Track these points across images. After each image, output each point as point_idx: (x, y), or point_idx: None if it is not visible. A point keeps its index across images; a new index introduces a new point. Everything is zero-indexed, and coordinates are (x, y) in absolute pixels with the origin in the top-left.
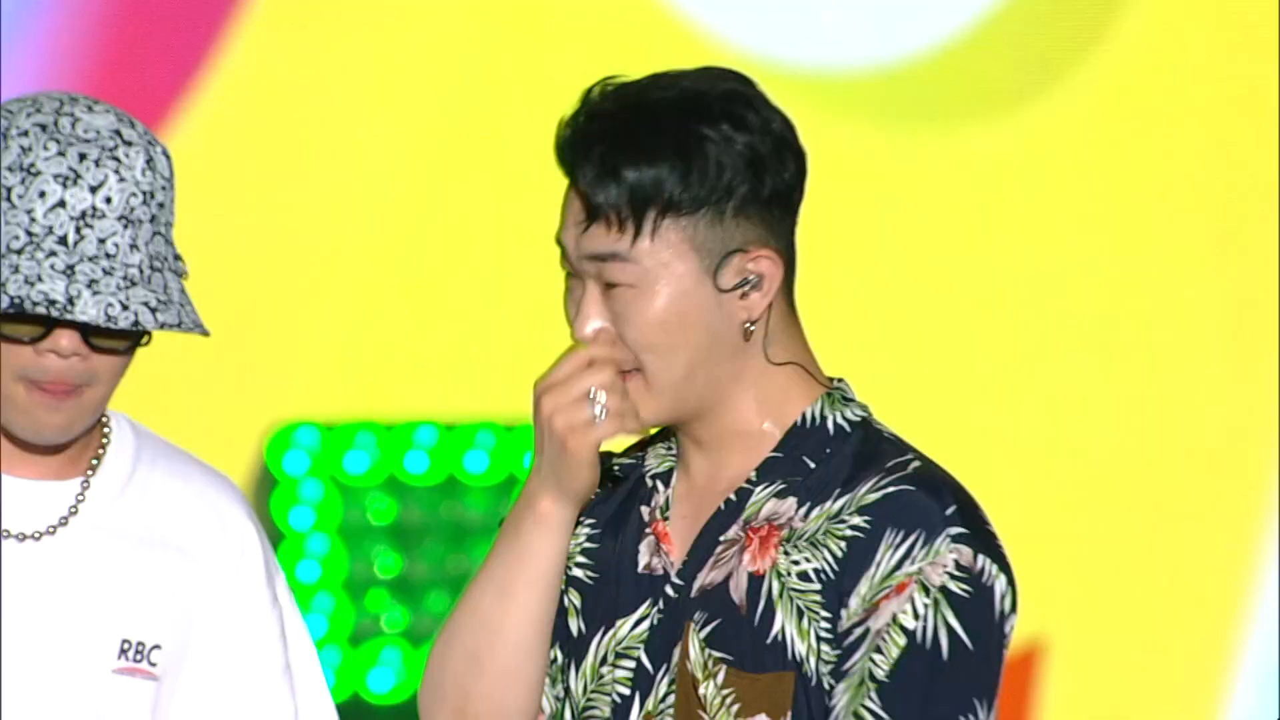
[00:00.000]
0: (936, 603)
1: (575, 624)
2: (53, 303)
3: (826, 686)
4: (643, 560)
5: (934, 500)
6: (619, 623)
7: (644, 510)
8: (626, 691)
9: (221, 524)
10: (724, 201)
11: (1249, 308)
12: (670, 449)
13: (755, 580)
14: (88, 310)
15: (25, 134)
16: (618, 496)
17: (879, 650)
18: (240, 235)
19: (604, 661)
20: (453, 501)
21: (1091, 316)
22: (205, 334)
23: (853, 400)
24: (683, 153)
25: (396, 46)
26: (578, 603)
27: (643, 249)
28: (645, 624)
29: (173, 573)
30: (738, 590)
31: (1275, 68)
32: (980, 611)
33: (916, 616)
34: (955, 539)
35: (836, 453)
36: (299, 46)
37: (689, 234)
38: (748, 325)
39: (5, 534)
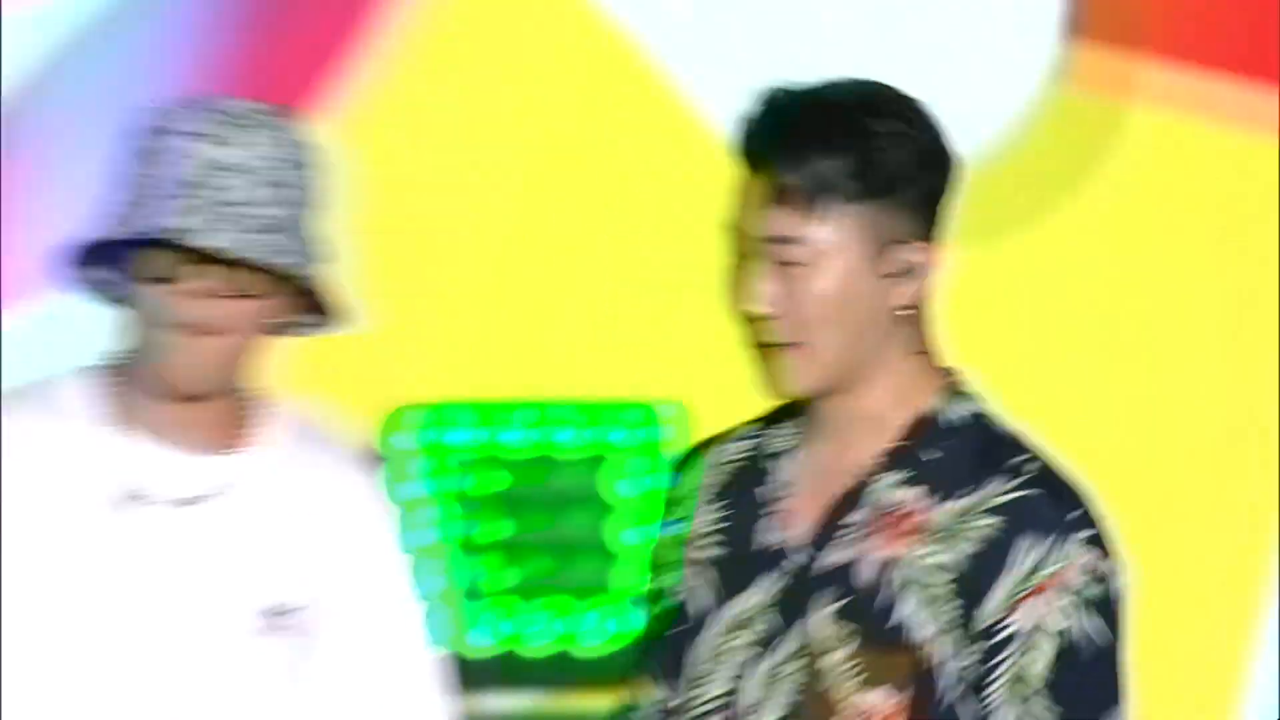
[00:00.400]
0: (1076, 605)
1: (702, 599)
2: (186, 231)
3: (949, 669)
4: (762, 537)
5: (1060, 506)
6: (743, 595)
7: (758, 491)
8: (749, 656)
9: (356, 499)
10: (891, 195)
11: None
12: (795, 430)
13: (884, 566)
14: (218, 241)
15: (180, 108)
16: (734, 478)
17: (1031, 650)
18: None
19: (727, 630)
20: (547, 473)
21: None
22: (334, 304)
23: (969, 393)
24: (860, 147)
25: (532, 42)
26: (704, 580)
27: (818, 233)
28: (765, 597)
29: (314, 541)
30: (866, 573)
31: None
32: (1111, 607)
33: (1065, 617)
34: (1084, 543)
35: (956, 446)
36: (443, 46)
37: (859, 222)
38: (898, 311)
39: (167, 500)
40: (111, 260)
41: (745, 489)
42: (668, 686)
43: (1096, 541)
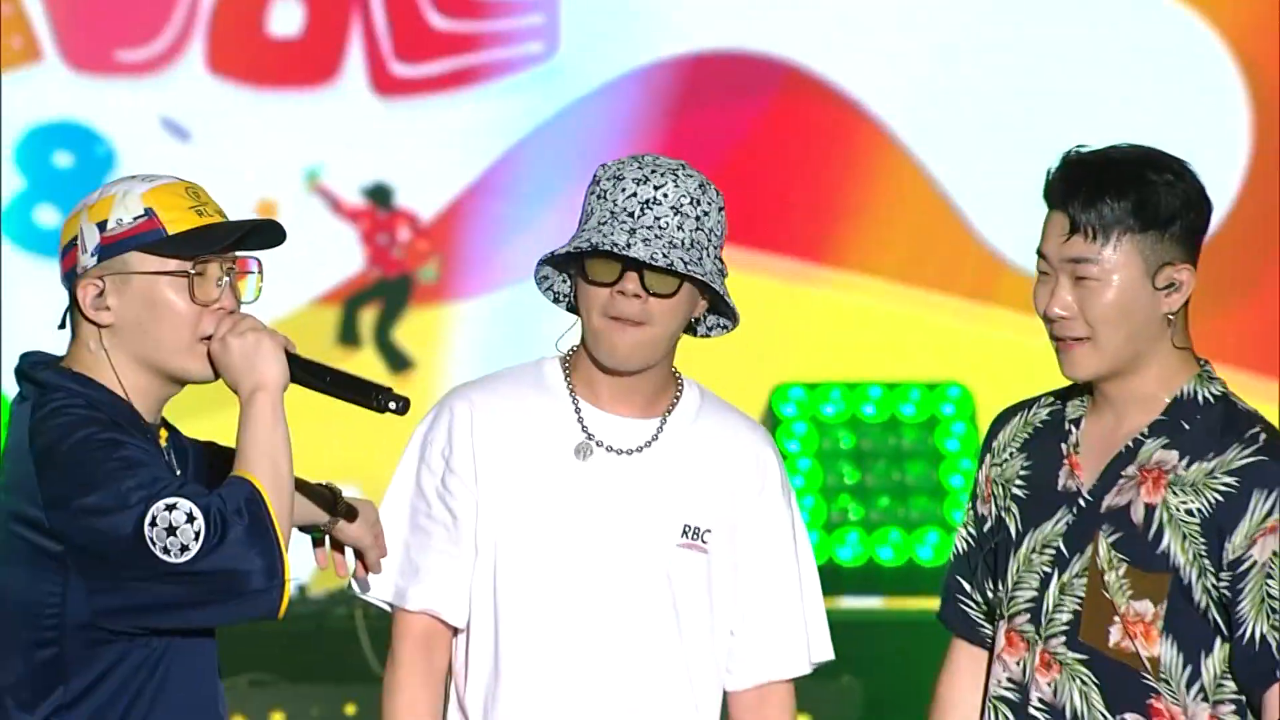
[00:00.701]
0: None
1: (1013, 526)
2: (616, 244)
3: (1196, 588)
4: (1060, 482)
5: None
6: (1044, 524)
7: (1062, 446)
8: (1049, 570)
9: (756, 455)
10: (1163, 228)
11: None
12: (1082, 402)
13: (1149, 509)
14: (639, 251)
15: (622, 163)
16: (1037, 435)
17: (1270, 576)
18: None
19: (1033, 550)
20: (893, 435)
21: None
22: (725, 298)
23: (1215, 378)
24: (1140, 192)
25: None
26: (1016, 511)
27: (1106, 255)
28: (1063, 525)
29: (721, 482)
30: (1136, 514)
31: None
32: None
33: (1270, 544)
34: None
35: (1204, 419)
36: None
37: (1139, 248)
38: (1168, 315)
39: (612, 450)
40: (566, 268)
41: (1047, 444)
42: (980, 586)
43: None
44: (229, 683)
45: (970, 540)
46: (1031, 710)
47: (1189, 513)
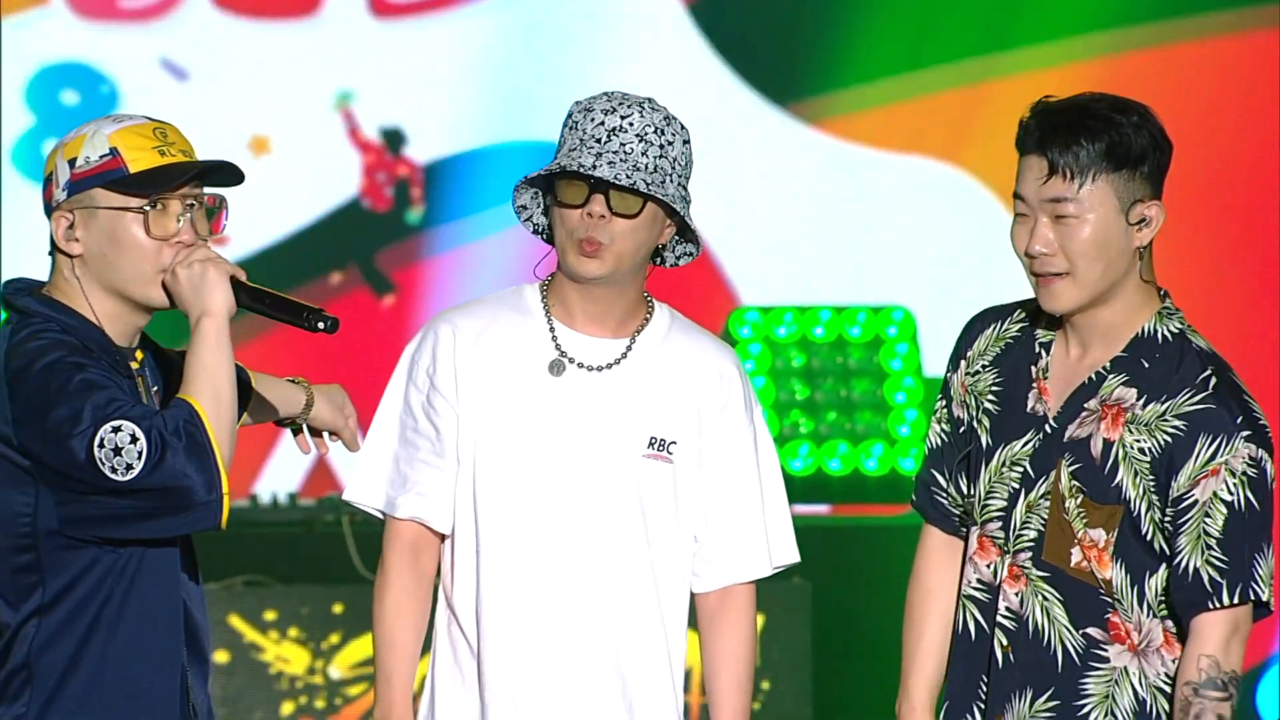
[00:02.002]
0: (1239, 483)
1: (985, 438)
2: (583, 165)
3: (1145, 521)
4: (1029, 404)
5: (1230, 414)
6: (1014, 442)
7: (1032, 369)
8: (1016, 487)
9: (720, 372)
10: (1134, 167)
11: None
12: (1051, 329)
13: (1108, 444)
14: (604, 172)
15: (593, 98)
16: (1008, 351)
17: (1209, 515)
18: None
19: (1003, 464)
20: (840, 354)
21: None
22: (689, 223)
23: (1175, 313)
24: (1112, 134)
25: None
26: (988, 424)
27: (1084, 194)
28: (1030, 446)
29: (686, 397)
30: (1095, 447)
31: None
32: (1265, 486)
33: (1230, 492)
34: (1245, 439)
35: (1161, 357)
36: None
37: (1114, 186)
38: (1139, 249)
39: (582, 365)
40: (543, 198)
41: (1019, 364)
42: (954, 480)
43: (1254, 440)
44: (226, 584)
45: (945, 436)
46: (999, 618)
47: (1141, 451)
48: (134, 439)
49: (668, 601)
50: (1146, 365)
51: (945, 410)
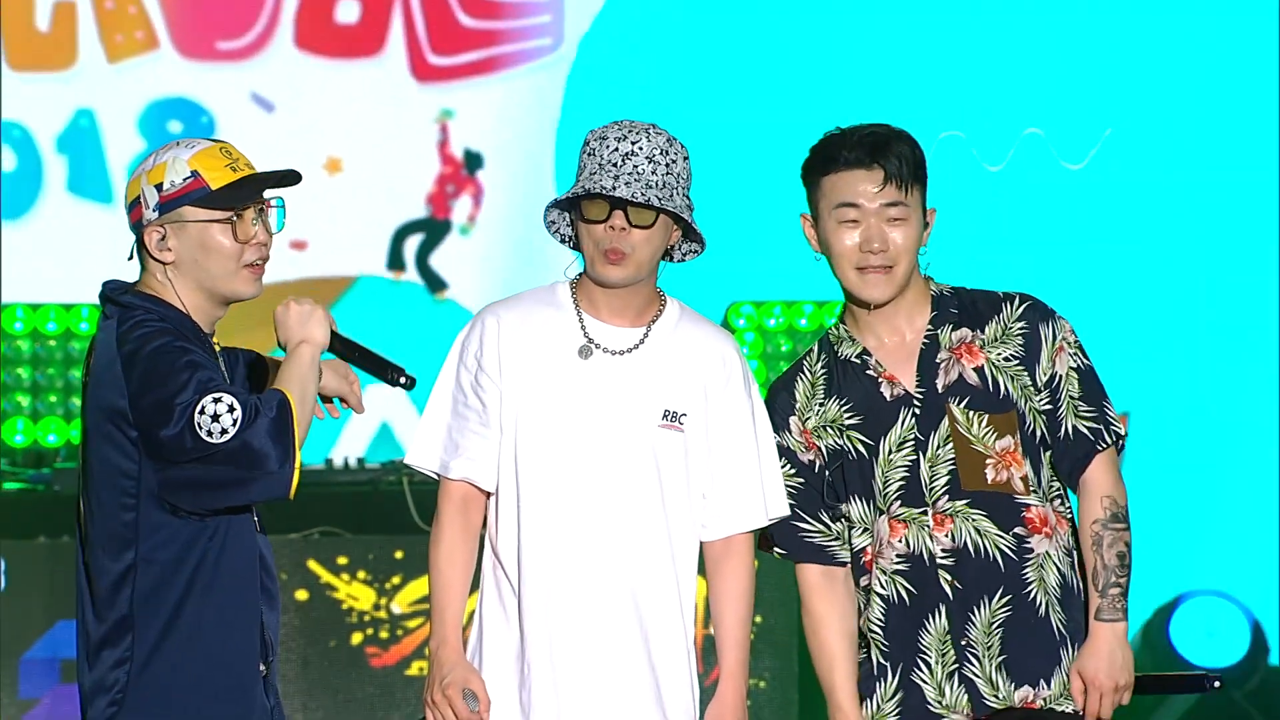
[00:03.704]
0: (1075, 350)
1: (862, 447)
2: (604, 188)
3: (1028, 415)
4: (887, 393)
5: (1042, 305)
6: (890, 430)
7: (867, 374)
8: (912, 458)
9: (722, 355)
10: (925, 180)
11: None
12: (842, 343)
13: (979, 369)
14: (622, 192)
15: (606, 127)
16: (832, 380)
17: (1069, 384)
18: None
19: (891, 452)
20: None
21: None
22: (692, 226)
23: (937, 281)
24: (917, 152)
25: None
26: (859, 435)
27: (910, 199)
28: (908, 420)
29: (694, 376)
30: (970, 377)
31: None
32: (1083, 346)
33: (1074, 359)
34: (1057, 318)
35: (961, 302)
36: None
37: (920, 195)
38: (924, 244)
39: (606, 350)
40: (569, 213)
41: (850, 379)
42: (825, 515)
43: (1061, 315)
44: (305, 534)
45: (799, 488)
46: (939, 563)
47: (1007, 359)
48: (231, 409)
49: (679, 549)
50: (956, 312)
51: (792, 466)
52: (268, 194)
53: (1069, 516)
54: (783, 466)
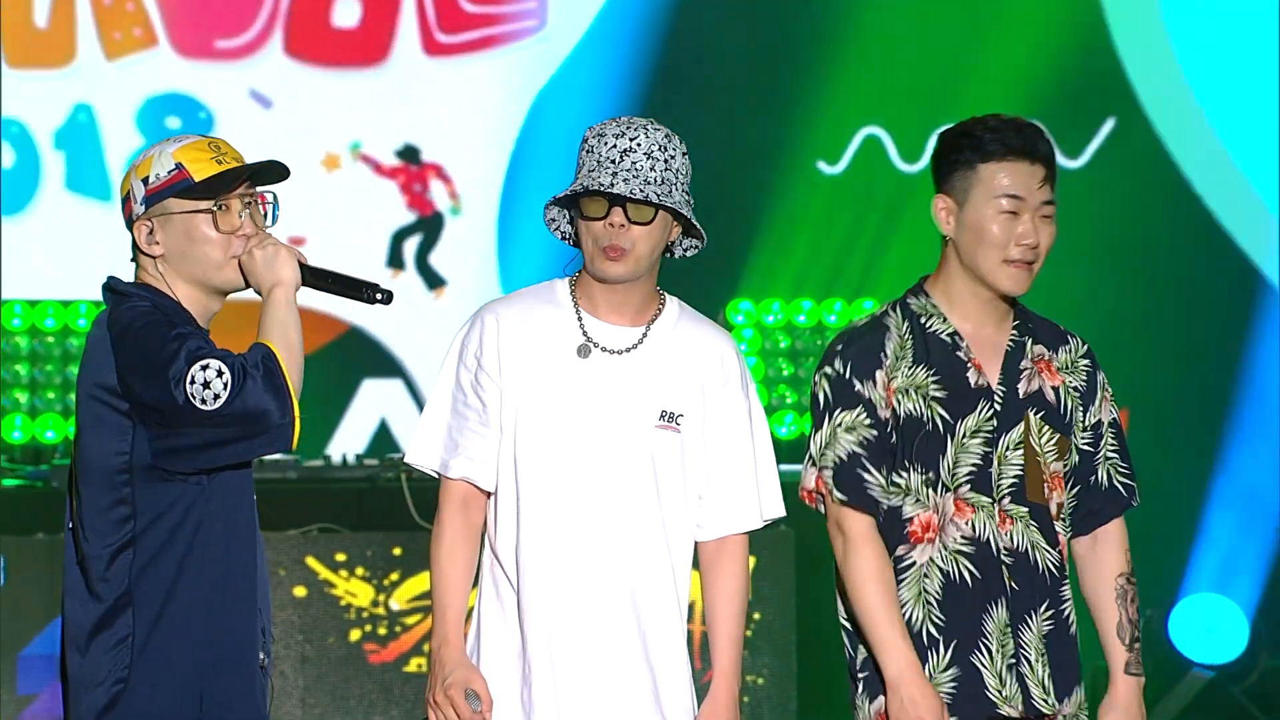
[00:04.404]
0: (1114, 404)
1: (939, 421)
2: (603, 185)
3: (1074, 449)
4: (972, 381)
5: (1092, 352)
6: (969, 415)
7: (959, 354)
8: (987, 449)
9: (721, 355)
10: None
11: None
12: (934, 317)
13: (1056, 389)
14: (621, 189)
15: (604, 124)
16: (933, 348)
17: (1110, 434)
18: None
19: (965, 435)
20: (820, 337)
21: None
22: (692, 222)
23: None
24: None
25: None
26: (940, 409)
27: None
28: (988, 413)
29: (692, 377)
30: (1049, 394)
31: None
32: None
33: (1113, 413)
34: (1101, 368)
35: (1036, 322)
36: None
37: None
38: None
39: (605, 349)
40: (568, 210)
41: (941, 354)
42: (888, 472)
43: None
44: (304, 530)
45: (870, 440)
46: (1001, 557)
47: (1074, 389)
48: (220, 373)
49: (675, 547)
50: (1033, 327)
51: (866, 417)
52: (261, 189)
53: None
54: (860, 416)
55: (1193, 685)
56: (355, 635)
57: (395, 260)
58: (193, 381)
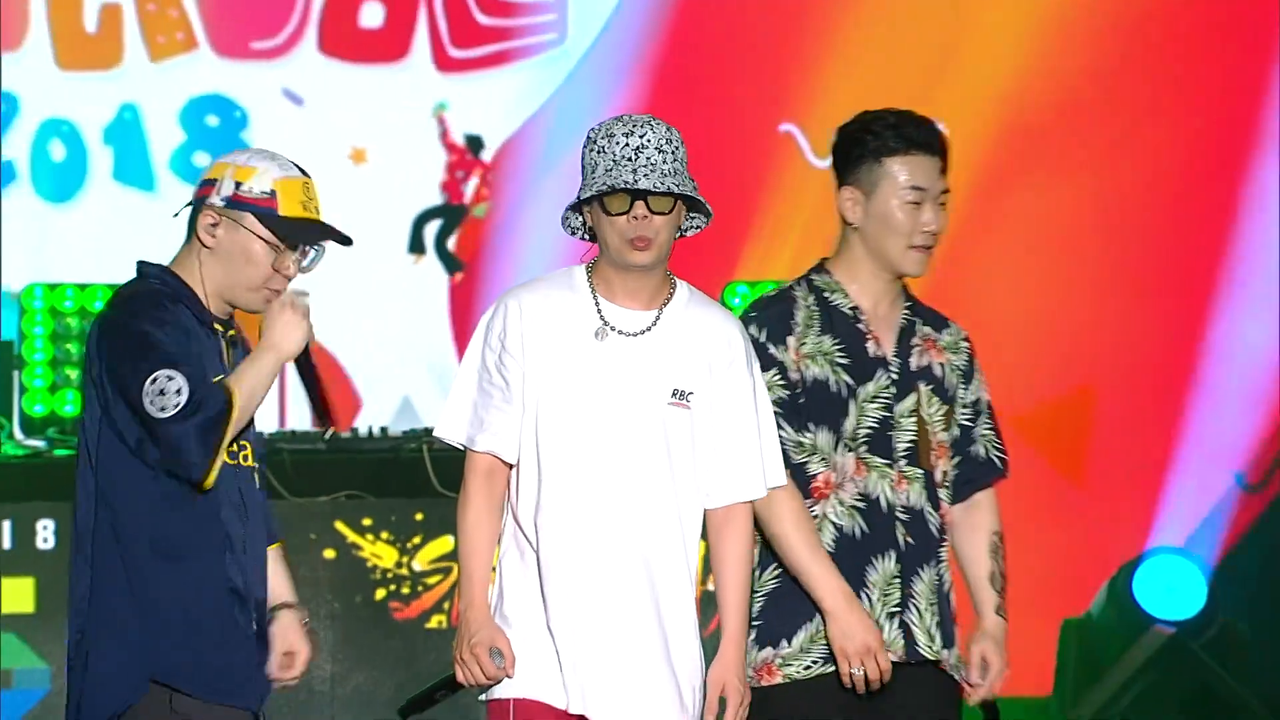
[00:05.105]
0: (985, 384)
1: (843, 384)
2: (627, 182)
3: (955, 424)
4: (869, 351)
5: (968, 338)
6: (867, 383)
7: (858, 326)
8: (884, 414)
9: (727, 337)
10: None
11: None
12: (835, 293)
13: (941, 365)
14: (644, 184)
15: (608, 124)
16: (826, 317)
17: (986, 412)
18: None
19: (865, 401)
20: None
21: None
22: (704, 205)
23: None
24: None
25: None
26: (844, 374)
27: None
28: (885, 381)
29: (701, 357)
30: (936, 370)
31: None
32: None
33: (987, 393)
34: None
35: (920, 305)
36: None
37: None
38: None
39: (620, 332)
40: (581, 207)
41: (842, 325)
42: (800, 431)
43: None
44: (333, 497)
45: (788, 398)
46: (897, 514)
47: (955, 368)
48: (179, 391)
49: (686, 515)
50: (921, 310)
51: (779, 378)
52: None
53: None
54: (773, 376)
55: (1154, 641)
56: (381, 594)
57: (416, 245)
58: (154, 382)
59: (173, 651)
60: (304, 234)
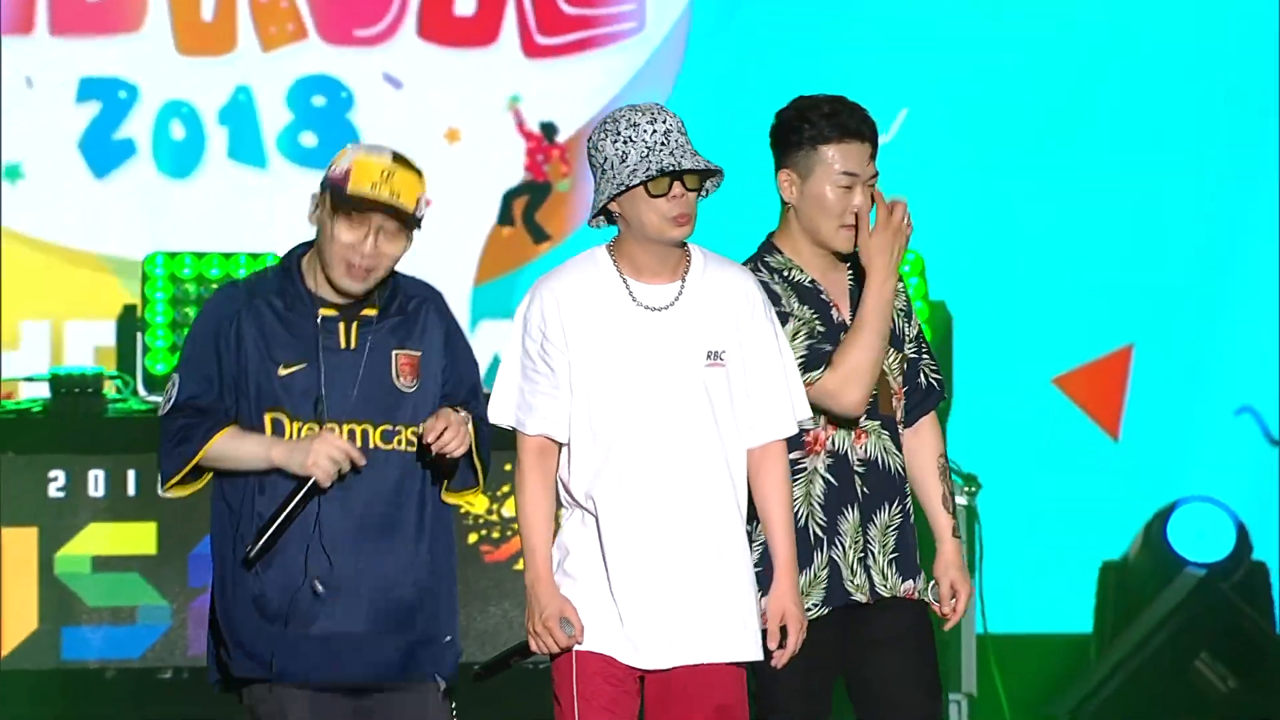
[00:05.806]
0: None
1: (825, 350)
2: (672, 165)
3: (907, 355)
4: (835, 317)
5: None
6: (829, 345)
7: (821, 297)
8: None
9: (745, 292)
10: None
11: None
12: (794, 268)
13: (893, 318)
14: (686, 164)
15: (627, 115)
16: (798, 293)
17: (923, 341)
18: None
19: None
20: None
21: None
22: (719, 171)
23: None
24: None
25: None
26: (825, 342)
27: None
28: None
29: (725, 315)
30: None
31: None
32: None
33: (917, 325)
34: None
35: (856, 264)
36: None
37: None
38: None
39: (649, 307)
40: (613, 196)
41: (810, 298)
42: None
43: None
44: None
45: (805, 354)
46: (855, 468)
47: (898, 310)
48: (169, 400)
49: (732, 459)
50: (855, 267)
51: (800, 333)
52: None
53: None
54: (792, 331)
55: (1187, 582)
56: (473, 538)
57: (505, 218)
58: (169, 381)
59: (234, 629)
60: (358, 205)
